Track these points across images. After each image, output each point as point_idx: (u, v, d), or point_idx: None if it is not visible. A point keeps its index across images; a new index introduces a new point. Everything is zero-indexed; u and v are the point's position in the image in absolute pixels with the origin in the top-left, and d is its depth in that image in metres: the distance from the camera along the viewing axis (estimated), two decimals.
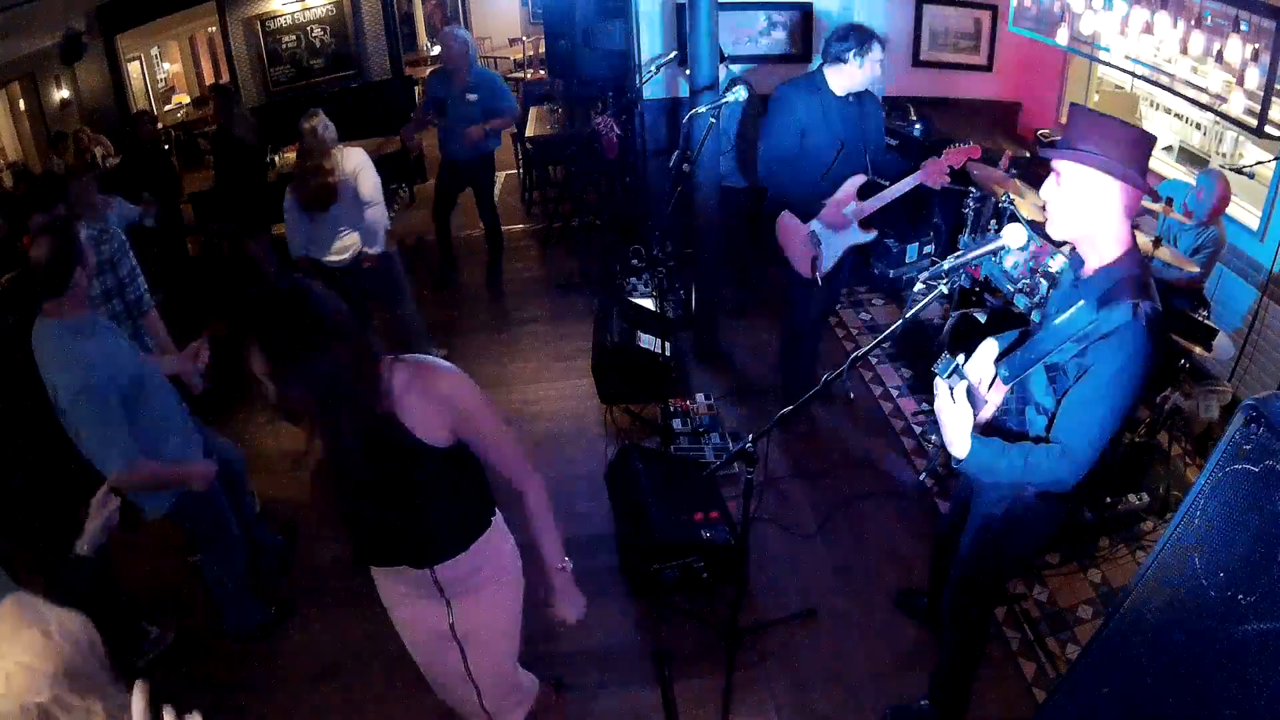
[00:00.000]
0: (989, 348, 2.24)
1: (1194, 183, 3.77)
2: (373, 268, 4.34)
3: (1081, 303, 1.92)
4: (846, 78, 3.52)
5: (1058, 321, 1.96)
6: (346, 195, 4.13)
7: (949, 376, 1.94)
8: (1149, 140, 1.91)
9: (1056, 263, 3.42)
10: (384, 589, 2.12)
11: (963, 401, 1.90)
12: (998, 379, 2.04)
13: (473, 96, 5.18)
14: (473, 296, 5.87)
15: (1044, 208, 2.01)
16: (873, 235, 3.79)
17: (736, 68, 5.06)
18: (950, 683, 2.63)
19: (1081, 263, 2.03)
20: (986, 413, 2.06)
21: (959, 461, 1.96)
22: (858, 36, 3.46)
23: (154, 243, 5.28)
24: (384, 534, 1.92)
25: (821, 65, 3.60)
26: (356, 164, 4.16)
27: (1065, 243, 2.30)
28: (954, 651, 2.58)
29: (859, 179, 3.67)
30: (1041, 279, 3.57)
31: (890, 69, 4.33)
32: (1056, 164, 1.94)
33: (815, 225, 3.71)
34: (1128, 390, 1.85)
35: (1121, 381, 1.84)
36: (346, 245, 4.29)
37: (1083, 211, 1.91)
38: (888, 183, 3.66)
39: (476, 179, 5.67)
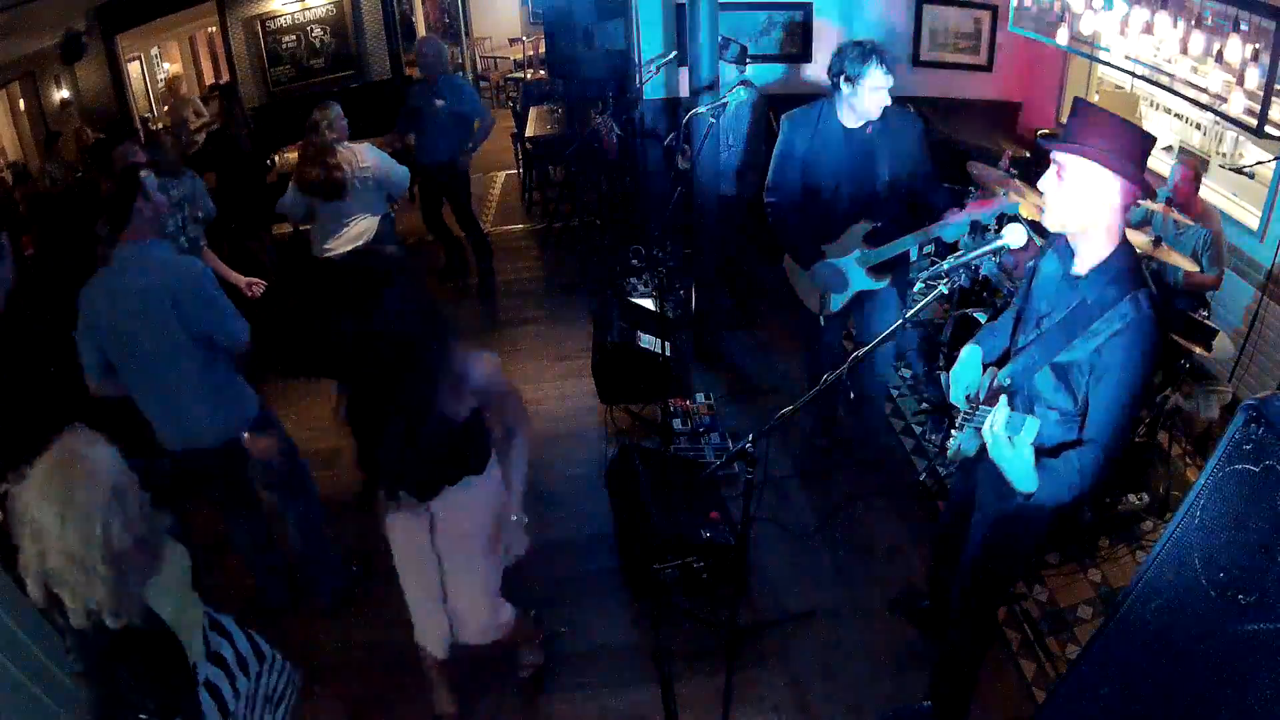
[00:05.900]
0: (973, 355, 2.26)
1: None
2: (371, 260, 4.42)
3: (1083, 301, 1.95)
4: (848, 107, 3.17)
5: (1059, 321, 1.99)
6: (359, 189, 4.18)
7: (1019, 430, 1.93)
8: (1149, 140, 1.94)
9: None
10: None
11: (1022, 444, 1.91)
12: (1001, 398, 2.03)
13: (440, 102, 5.20)
14: (472, 296, 5.86)
15: (1042, 197, 2.01)
16: (884, 283, 3.40)
17: (750, 68, 4.92)
18: (953, 682, 2.63)
19: (1072, 256, 2.02)
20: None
21: (1027, 496, 2.00)
22: (852, 59, 3.05)
23: None
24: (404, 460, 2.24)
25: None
26: (374, 158, 4.22)
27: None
28: (959, 650, 2.58)
29: (863, 227, 3.31)
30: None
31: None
32: (1058, 156, 1.94)
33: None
34: (1147, 376, 1.95)
35: (1143, 370, 1.92)
36: (356, 234, 4.32)
37: (1081, 205, 1.92)
38: (899, 207, 3.31)
39: (448, 188, 5.57)
